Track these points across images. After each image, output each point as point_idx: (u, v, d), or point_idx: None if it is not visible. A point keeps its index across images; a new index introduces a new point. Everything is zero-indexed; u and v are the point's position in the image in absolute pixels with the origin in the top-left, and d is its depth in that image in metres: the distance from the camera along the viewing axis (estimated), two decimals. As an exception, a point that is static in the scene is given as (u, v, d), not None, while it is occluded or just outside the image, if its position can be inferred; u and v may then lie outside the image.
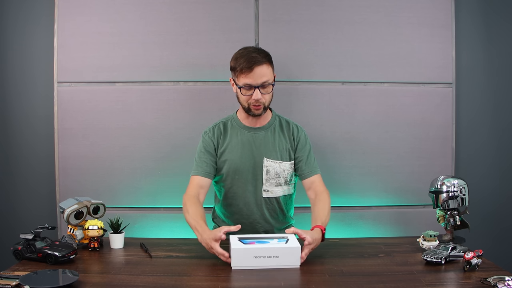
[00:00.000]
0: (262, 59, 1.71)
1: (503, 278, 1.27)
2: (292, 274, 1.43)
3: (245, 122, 1.87)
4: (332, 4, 2.18)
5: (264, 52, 1.76)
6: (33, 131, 2.25)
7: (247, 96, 1.74)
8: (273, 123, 1.89)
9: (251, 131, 1.86)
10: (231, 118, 1.90)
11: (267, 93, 1.75)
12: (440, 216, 1.79)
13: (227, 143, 1.85)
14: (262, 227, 1.88)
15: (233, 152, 1.83)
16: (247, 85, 1.72)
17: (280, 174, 1.84)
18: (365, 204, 2.22)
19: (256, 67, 1.69)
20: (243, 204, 1.85)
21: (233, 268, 1.47)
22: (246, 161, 1.83)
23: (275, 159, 1.84)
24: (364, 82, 2.20)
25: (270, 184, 1.84)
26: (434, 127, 2.22)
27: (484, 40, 2.28)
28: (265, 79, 1.72)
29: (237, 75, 1.73)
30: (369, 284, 1.34)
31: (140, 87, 2.18)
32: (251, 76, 1.70)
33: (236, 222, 1.85)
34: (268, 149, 1.84)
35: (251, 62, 1.69)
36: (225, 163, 1.84)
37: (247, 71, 1.69)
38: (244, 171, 1.83)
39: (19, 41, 2.23)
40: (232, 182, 1.84)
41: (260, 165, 1.83)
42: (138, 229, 2.15)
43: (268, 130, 1.87)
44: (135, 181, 2.18)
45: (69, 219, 1.69)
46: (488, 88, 2.30)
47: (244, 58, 1.71)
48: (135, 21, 2.16)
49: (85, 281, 1.35)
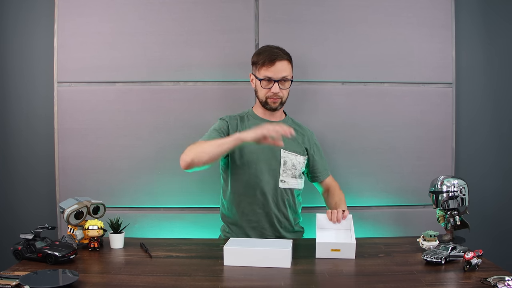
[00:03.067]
0: (284, 55, 1.83)
1: (503, 278, 1.27)
2: (292, 274, 1.43)
3: (262, 116, 1.93)
4: (332, 4, 2.18)
5: (285, 51, 1.86)
6: (33, 131, 2.25)
7: (266, 90, 1.82)
8: (287, 121, 1.96)
9: (268, 123, 1.87)
10: (247, 113, 1.96)
11: (285, 88, 1.84)
12: (440, 216, 1.79)
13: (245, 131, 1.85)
14: (276, 217, 1.89)
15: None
16: (267, 77, 1.81)
17: (297, 166, 1.90)
18: (365, 204, 2.22)
19: (278, 62, 1.80)
20: (260, 193, 1.86)
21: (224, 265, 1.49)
22: (264, 151, 1.85)
23: (292, 151, 1.89)
24: (364, 82, 2.20)
25: (287, 175, 1.88)
26: (434, 127, 2.22)
27: (484, 40, 2.28)
28: (284, 74, 1.81)
29: (258, 69, 1.83)
30: (369, 284, 1.34)
31: (140, 87, 2.18)
32: (272, 70, 1.80)
33: (252, 213, 1.88)
34: (285, 141, 1.84)
35: (274, 56, 1.80)
36: (243, 152, 1.85)
37: (269, 64, 1.79)
38: (261, 161, 1.85)
39: (19, 41, 2.23)
40: (250, 171, 1.86)
41: (278, 156, 1.86)
42: (138, 229, 2.16)
43: (285, 124, 1.88)
44: (135, 181, 2.18)
45: (69, 219, 1.69)
46: (488, 88, 2.30)
47: (267, 53, 1.82)
48: (135, 21, 2.16)
49: (85, 281, 1.34)
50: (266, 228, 1.88)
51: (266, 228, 1.88)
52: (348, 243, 1.54)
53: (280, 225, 1.89)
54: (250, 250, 1.50)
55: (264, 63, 1.80)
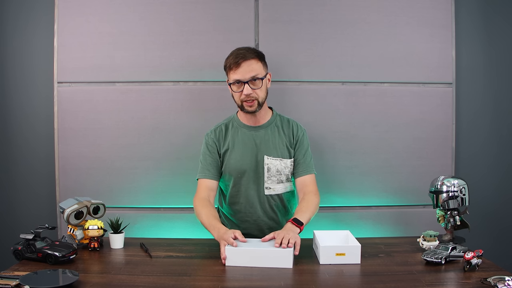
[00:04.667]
0: (250, 55, 1.75)
1: (503, 278, 1.27)
2: (292, 274, 1.43)
3: (245, 122, 1.88)
4: (332, 4, 2.18)
5: (254, 49, 1.80)
6: (33, 131, 2.25)
7: (238, 93, 1.77)
8: (273, 121, 1.90)
9: (251, 130, 1.87)
10: (232, 119, 1.92)
11: (257, 88, 1.76)
12: (440, 216, 1.79)
13: (228, 143, 1.86)
14: (266, 225, 1.88)
15: (235, 152, 1.84)
16: (236, 80, 1.75)
17: (282, 171, 1.85)
18: (365, 204, 2.22)
19: (243, 62, 1.73)
20: (246, 202, 1.86)
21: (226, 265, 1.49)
22: (247, 160, 1.84)
23: (276, 156, 1.85)
24: (364, 82, 2.20)
25: (272, 182, 1.85)
26: (434, 127, 2.22)
27: (484, 40, 2.28)
28: (253, 74, 1.74)
29: (227, 73, 1.79)
30: (369, 284, 1.34)
31: (140, 87, 2.18)
32: (239, 72, 1.73)
33: (241, 221, 1.88)
34: (269, 147, 1.85)
35: (238, 58, 1.73)
36: (228, 163, 1.85)
37: (235, 66, 1.74)
38: (246, 170, 1.84)
39: (19, 41, 2.23)
40: (235, 181, 1.85)
41: (262, 163, 1.84)
42: (138, 229, 2.15)
43: (268, 128, 1.88)
44: (135, 181, 2.18)
45: (69, 219, 1.69)
46: (488, 88, 2.30)
47: (233, 56, 1.76)
48: (135, 21, 2.16)
49: (85, 281, 1.35)
50: (256, 235, 1.86)
51: (256, 235, 1.86)
52: (353, 246, 1.54)
53: (270, 231, 1.79)
54: (252, 250, 1.50)
55: (230, 66, 1.75)
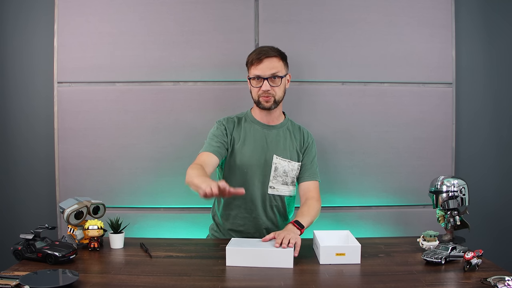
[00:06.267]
0: (272, 53, 1.79)
1: (503, 278, 1.27)
2: (292, 274, 1.43)
3: (258, 119, 1.90)
4: (332, 4, 2.18)
5: (277, 49, 1.83)
6: (33, 131, 2.25)
7: (257, 88, 1.80)
8: (285, 124, 1.93)
9: (264, 128, 1.88)
10: (245, 114, 1.93)
11: (276, 85, 1.80)
12: (440, 216, 1.79)
13: (240, 136, 1.86)
14: (264, 224, 1.88)
15: (245, 146, 1.85)
16: (256, 75, 1.78)
17: (288, 173, 1.87)
18: (365, 204, 2.22)
19: (265, 59, 1.77)
20: (248, 197, 1.85)
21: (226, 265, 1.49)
22: (256, 156, 1.84)
23: (285, 157, 1.86)
24: (364, 82, 2.20)
25: (277, 182, 1.86)
26: (434, 127, 2.22)
27: (484, 40, 2.28)
28: (274, 71, 1.78)
29: (249, 68, 1.82)
30: (369, 284, 1.34)
31: (140, 87, 2.18)
32: (260, 68, 1.77)
33: (239, 216, 1.88)
34: (279, 147, 1.86)
35: (261, 54, 1.78)
36: (236, 156, 1.85)
37: (257, 62, 1.78)
38: (253, 165, 1.84)
39: (19, 41, 2.23)
40: (241, 175, 1.85)
41: (270, 161, 1.85)
42: (138, 229, 2.15)
43: (280, 130, 1.90)
44: (135, 181, 2.18)
45: (69, 219, 1.69)
46: (488, 88, 2.30)
47: (256, 52, 1.81)
48: (135, 21, 2.16)
49: (85, 281, 1.34)
50: (251, 233, 1.87)
51: (252, 233, 1.87)
52: (353, 246, 1.54)
53: (267, 231, 1.84)
54: (252, 250, 1.50)
55: (252, 61, 1.79)
